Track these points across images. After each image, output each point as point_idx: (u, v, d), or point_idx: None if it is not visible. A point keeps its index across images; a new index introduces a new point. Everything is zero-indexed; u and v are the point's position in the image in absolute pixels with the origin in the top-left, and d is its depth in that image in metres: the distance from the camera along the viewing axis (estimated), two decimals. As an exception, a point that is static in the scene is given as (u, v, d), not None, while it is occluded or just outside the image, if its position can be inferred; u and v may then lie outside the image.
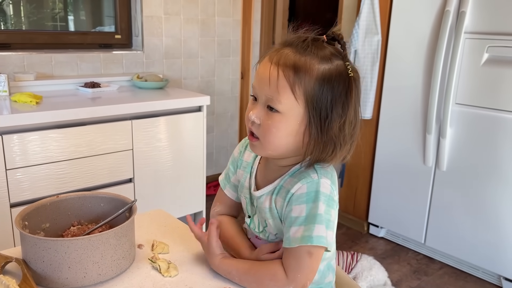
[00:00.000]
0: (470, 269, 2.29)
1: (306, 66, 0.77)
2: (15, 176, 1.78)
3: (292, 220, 0.81)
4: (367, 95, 2.49)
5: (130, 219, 0.86)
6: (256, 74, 0.83)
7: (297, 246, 0.79)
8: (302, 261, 0.80)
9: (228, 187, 1.00)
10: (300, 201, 0.80)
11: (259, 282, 0.83)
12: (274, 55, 0.80)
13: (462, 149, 2.19)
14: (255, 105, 0.82)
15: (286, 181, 0.84)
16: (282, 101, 0.78)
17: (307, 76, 0.77)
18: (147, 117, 2.13)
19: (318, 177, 0.80)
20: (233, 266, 0.86)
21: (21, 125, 1.78)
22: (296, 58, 0.77)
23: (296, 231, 0.80)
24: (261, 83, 0.80)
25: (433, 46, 2.22)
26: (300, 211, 0.80)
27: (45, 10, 2.57)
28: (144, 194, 2.17)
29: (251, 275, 0.84)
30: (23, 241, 0.81)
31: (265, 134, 0.80)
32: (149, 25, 2.63)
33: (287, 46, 0.80)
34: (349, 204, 2.79)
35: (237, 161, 0.98)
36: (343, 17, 2.70)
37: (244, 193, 0.94)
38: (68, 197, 0.95)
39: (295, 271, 0.80)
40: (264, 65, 0.80)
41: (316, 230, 0.78)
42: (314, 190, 0.79)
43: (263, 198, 0.87)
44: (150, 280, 0.84)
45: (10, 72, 2.17)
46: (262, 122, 0.80)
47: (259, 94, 0.81)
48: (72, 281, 0.79)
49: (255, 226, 0.92)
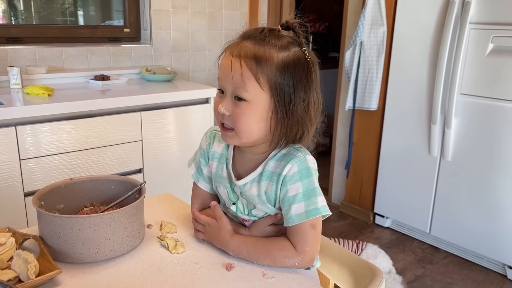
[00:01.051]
0: (475, 258, 2.32)
1: (266, 56, 0.81)
2: (28, 166, 1.84)
3: (291, 199, 0.85)
4: (372, 87, 2.51)
5: (139, 199, 0.91)
6: (220, 68, 0.86)
7: (302, 222, 0.84)
8: (308, 235, 0.85)
9: (202, 180, 1.00)
10: (294, 179, 0.85)
11: (268, 254, 0.87)
12: (235, 48, 0.84)
13: (467, 139, 2.21)
14: (223, 98, 0.86)
15: (271, 166, 0.88)
16: (248, 90, 0.82)
17: (268, 64, 0.81)
18: (155, 109, 2.17)
19: (304, 155, 0.86)
20: (242, 241, 0.90)
21: (34, 117, 1.83)
22: (255, 49, 0.82)
23: (297, 208, 0.85)
24: (226, 75, 0.84)
25: (438, 37, 2.23)
26: (297, 189, 0.85)
27: (56, 5, 2.62)
28: (153, 184, 2.22)
29: (259, 247, 0.88)
30: (40, 219, 0.86)
31: (236, 123, 0.84)
32: (157, 19, 2.68)
33: (246, 39, 0.85)
34: (355, 194, 2.82)
35: (207, 153, 0.98)
36: (349, 8, 2.72)
37: (224, 183, 0.94)
38: (81, 179, 0.99)
39: (303, 245, 0.86)
40: (227, 59, 0.84)
41: (319, 201, 0.85)
42: (305, 167, 0.86)
43: (247, 186, 0.90)
44: (159, 257, 0.89)
45: (22, 66, 2.23)
46: (232, 112, 0.84)
47: (225, 87, 0.85)
48: (86, 256, 0.84)
49: (241, 211, 0.95)
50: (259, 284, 0.82)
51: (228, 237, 0.91)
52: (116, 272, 0.83)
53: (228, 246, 0.91)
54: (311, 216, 0.84)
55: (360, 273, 1.06)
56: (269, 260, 0.87)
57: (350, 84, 2.59)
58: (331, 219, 2.82)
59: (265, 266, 0.88)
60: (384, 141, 2.59)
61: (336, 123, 2.93)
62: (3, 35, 2.29)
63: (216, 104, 0.87)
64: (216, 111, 0.87)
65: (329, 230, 2.67)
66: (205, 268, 0.86)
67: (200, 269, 0.86)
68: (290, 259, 0.86)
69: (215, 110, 0.88)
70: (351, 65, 2.57)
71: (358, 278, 1.05)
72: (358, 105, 2.59)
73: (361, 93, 2.56)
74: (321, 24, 4.38)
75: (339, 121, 2.90)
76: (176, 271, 0.85)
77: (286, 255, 0.86)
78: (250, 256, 0.89)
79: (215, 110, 0.88)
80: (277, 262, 0.87)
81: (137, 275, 0.83)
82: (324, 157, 3.89)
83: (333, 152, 2.99)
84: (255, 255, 0.88)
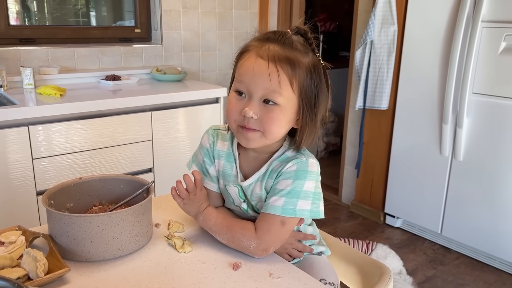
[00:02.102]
0: (487, 259, 2.29)
1: (297, 60, 0.83)
2: (41, 165, 1.86)
3: (276, 191, 0.87)
4: (383, 86, 2.49)
5: (147, 199, 0.92)
6: (244, 70, 0.84)
7: (274, 214, 0.86)
8: (274, 227, 0.87)
9: (208, 181, 0.99)
10: (288, 176, 0.87)
11: (230, 229, 0.89)
12: (263, 51, 0.82)
13: (479, 139, 2.18)
14: (247, 101, 0.83)
15: (275, 166, 0.90)
16: (283, 94, 0.82)
17: (299, 69, 0.83)
18: (166, 109, 2.19)
19: (306, 158, 0.88)
20: (214, 212, 0.93)
21: (46, 116, 1.85)
22: (287, 53, 0.82)
23: (276, 200, 0.86)
24: (256, 78, 0.82)
25: (450, 35, 2.21)
26: (286, 185, 0.86)
27: (68, 6, 2.65)
28: (163, 183, 2.24)
29: (225, 221, 0.91)
30: (50, 217, 0.87)
31: (267, 126, 0.84)
32: (167, 19, 2.69)
33: (270, 42, 0.84)
34: (365, 194, 2.81)
35: (211, 152, 0.97)
36: (359, 7, 2.71)
37: (233, 182, 0.95)
38: (90, 178, 1.01)
39: (264, 232, 0.87)
40: (257, 61, 0.82)
41: (299, 205, 0.86)
42: (303, 169, 0.87)
43: (252, 186, 0.92)
44: (166, 256, 0.90)
45: (35, 66, 2.26)
46: (262, 116, 0.83)
47: (252, 90, 0.83)
48: (94, 254, 0.85)
49: (251, 209, 0.96)
50: (265, 283, 0.82)
51: (203, 207, 0.93)
52: (124, 271, 0.84)
53: (199, 215, 0.93)
54: (285, 213, 0.86)
55: (368, 272, 1.06)
56: (229, 235, 0.89)
57: (360, 83, 2.58)
58: (341, 219, 2.81)
59: (272, 266, 0.88)
60: (395, 140, 2.57)
61: (346, 123, 2.92)
62: (16, 36, 2.32)
63: (233, 106, 0.85)
64: (234, 113, 0.85)
65: (339, 230, 2.66)
66: (212, 268, 0.86)
67: (207, 268, 0.86)
68: (247, 240, 0.87)
69: (231, 112, 0.86)
70: (361, 64, 2.56)
71: (366, 277, 1.05)
72: (369, 105, 2.57)
73: (372, 93, 2.54)
74: (332, 23, 4.36)
75: (349, 121, 2.89)
76: (183, 270, 0.85)
77: (245, 235, 0.88)
78: (215, 227, 0.91)
79: (232, 112, 0.85)
80: (235, 239, 0.89)
81: (144, 273, 0.84)
82: (334, 156, 3.87)
83: (343, 152, 2.98)
84: (220, 227, 0.90)
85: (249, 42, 0.87)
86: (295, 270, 0.88)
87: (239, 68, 0.86)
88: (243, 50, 0.87)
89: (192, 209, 0.94)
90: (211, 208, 0.94)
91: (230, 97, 0.88)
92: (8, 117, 1.74)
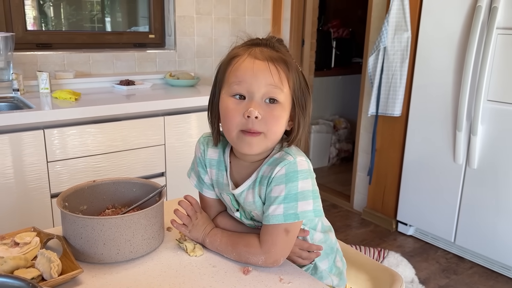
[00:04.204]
0: (502, 269, 2.25)
1: (289, 61, 0.85)
2: (55, 168, 1.89)
3: (272, 199, 0.86)
4: (396, 92, 2.48)
5: (159, 202, 0.93)
6: (243, 71, 0.83)
7: (277, 223, 0.85)
8: (279, 238, 0.86)
9: (205, 189, 0.99)
10: (279, 181, 0.85)
11: (235, 248, 0.89)
12: (257, 53, 0.84)
13: (494, 146, 2.15)
14: (248, 103, 0.83)
15: (264, 171, 0.88)
16: (284, 91, 0.84)
17: (291, 69, 0.85)
18: (178, 114, 2.20)
19: (294, 158, 0.86)
20: (218, 232, 0.93)
21: (61, 120, 1.88)
22: (279, 54, 0.85)
23: (275, 209, 0.85)
24: (258, 76, 0.82)
25: (464, 42, 2.19)
26: (280, 191, 0.85)
27: (84, 12, 2.70)
28: (175, 187, 2.25)
29: (230, 239, 0.91)
30: (64, 219, 0.89)
31: (271, 126, 0.84)
32: (181, 25, 2.72)
33: (257, 46, 0.86)
34: (378, 201, 2.79)
35: (203, 161, 0.97)
36: (372, 14, 2.70)
37: (226, 190, 0.94)
38: (103, 181, 1.02)
39: (270, 246, 0.86)
40: (255, 62, 0.83)
41: (300, 207, 0.85)
42: (293, 171, 0.85)
43: (244, 194, 0.91)
44: (178, 259, 0.90)
45: (51, 71, 2.30)
46: (265, 115, 0.83)
47: (255, 89, 0.82)
48: (107, 256, 0.86)
49: (244, 217, 0.96)
50: (275, 288, 0.82)
51: (208, 230, 0.94)
52: (135, 273, 0.85)
53: (205, 238, 0.93)
54: (288, 220, 0.85)
55: (379, 279, 1.05)
56: (235, 253, 0.89)
57: (373, 89, 2.57)
58: (352, 226, 2.79)
59: (282, 271, 0.88)
60: (408, 147, 2.55)
61: (358, 129, 2.91)
62: (33, 41, 2.37)
63: (234, 110, 0.83)
64: (235, 117, 0.83)
65: (350, 237, 2.64)
66: (222, 272, 0.87)
67: (218, 272, 0.86)
68: (254, 256, 0.87)
69: (232, 117, 0.83)
70: (374, 70, 2.55)
71: (377, 284, 1.04)
72: (381, 111, 2.56)
73: (385, 99, 2.53)
74: (345, 30, 4.35)
75: (362, 127, 2.88)
76: (194, 273, 0.86)
77: (250, 252, 0.87)
78: (221, 247, 0.91)
79: (233, 117, 0.83)
80: (242, 257, 0.89)
81: (156, 276, 0.84)
82: (346, 163, 3.86)
83: (355, 158, 2.97)
84: (225, 246, 0.91)
85: (235, 49, 0.87)
86: (306, 275, 0.88)
87: (234, 72, 0.84)
88: (232, 55, 0.87)
89: (198, 234, 0.94)
90: (215, 229, 0.95)
91: (226, 103, 0.85)
92: (24, 120, 1.77)
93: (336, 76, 4.03)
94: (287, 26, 3.19)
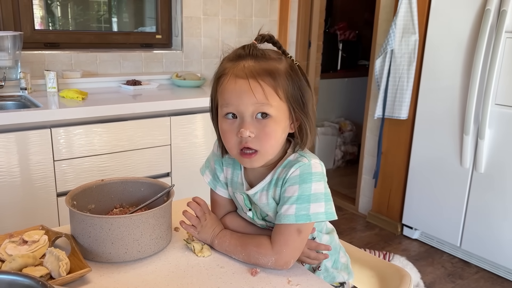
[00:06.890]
0: (508, 274, 2.23)
1: (275, 69, 0.83)
2: (61, 167, 1.89)
3: (285, 199, 0.86)
4: (403, 95, 2.47)
5: (167, 202, 0.92)
6: (229, 93, 0.83)
7: (288, 223, 0.85)
8: (291, 238, 0.86)
9: (219, 187, 0.99)
10: (293, 182, 0.86)
11: (245, 248, 0.89)
12: (239, 70, 0.82)
13: (501, 150, 2.14)
14: (240, 122, 0.83)
15: (279, 173, 0.89)
16: (273, 104, 0.83)
17: (279, 77, 0.83)
18: (184, 114, 2.20)
19: (309, 160, 0.87)
20: (227, 233, 0.93)
21: (68, 119, 1.89)
22: (263, 66, 0.83)
23: (287, 209, 0.85)
24: (242, 97, 0.82)
25: (473, 46, 2.18)
26: (293, 191, 0.85)
27: (91, 12, 2.71)
28: (180, 188, 2.24)
29: (239, 240, 0.91)
30: (72, 218, 0.89)
31: (263, 142, 0.84)
32: (188, 26, 2.72)
33: (241, 59, 0.84)
34: (383, 204, 2.78)
35: (221, 159, 0.97)
36: (380, 16, 2.70)
37: (240, 189, 0.95)
38: (111, 181, 1.02)
39: (281, 246, 0.86)
40: (237, 82, 0.82)
41: (312, 208, 0.85)
42: (307, 172, 0.85)
43: (257, 195, 0.91)
44: (185, 259, 0.90)
45: (58, 70, 2.31)
46: (259, 132, 0.83)
47: (242, 109, 0.82)
48: (115, 256, 0.86)
49: (257, 217, 0.95)
50: (284, 290, 0.82)
51: (217, 231, 0.94)
52: (143, 273, 0.85)
53: (214, 239, 0.93)
54: (300, 220, 0.85)
55: (385, 275, 1.04)
56: (244, 254, 0.89)
57: (379, 92, 2.56)
58: (357, 229, 2.78)
59: (290, 273, 0.88)
60: (414, 150, 2.54)
61: (364, 132, 2.90)
62: (41, 41, 2.38)
63: (228, 131, 0.85)
64: (231, 138, 0.84)
65: (355, 240, 2.63)
66: (230, 273, 0.86)
67: (225, 273, 0.86)
68: (264, 257, 0.87)
69: (229, 138, 0.85)
70: (381, 73, 2.54)
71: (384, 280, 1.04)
72: (388, 114, 2.55)
73: (391, 102, 2.52)
74: (351, 32, 4.35)
75: (368, 130, 2.87)
76: (201, 274, 0.85)
77: (261, 253, 0.87)
78: (229, 248, 0.91)
79: (229, 138, 0.85)
80: (251, 258, 0.88)
81: (163, 276, 0.84)
82: (351, 166, 3.85)
83: (361, 161, 2.96)
84: (234, 247, 0.90)
85: (222, 64, 0.87)
86: (314, 277, 0.87)
87: (222, 93, 0.85)
88: (219, 74, 0.86)
89: (207, 236, 0.94)
90: (224, 230, 0.95)
91: (221, 125, 0.86)
92: (31, 119, 1.78)
93: (342, 78, 4.02)
94: (293, 28, 3.19)
